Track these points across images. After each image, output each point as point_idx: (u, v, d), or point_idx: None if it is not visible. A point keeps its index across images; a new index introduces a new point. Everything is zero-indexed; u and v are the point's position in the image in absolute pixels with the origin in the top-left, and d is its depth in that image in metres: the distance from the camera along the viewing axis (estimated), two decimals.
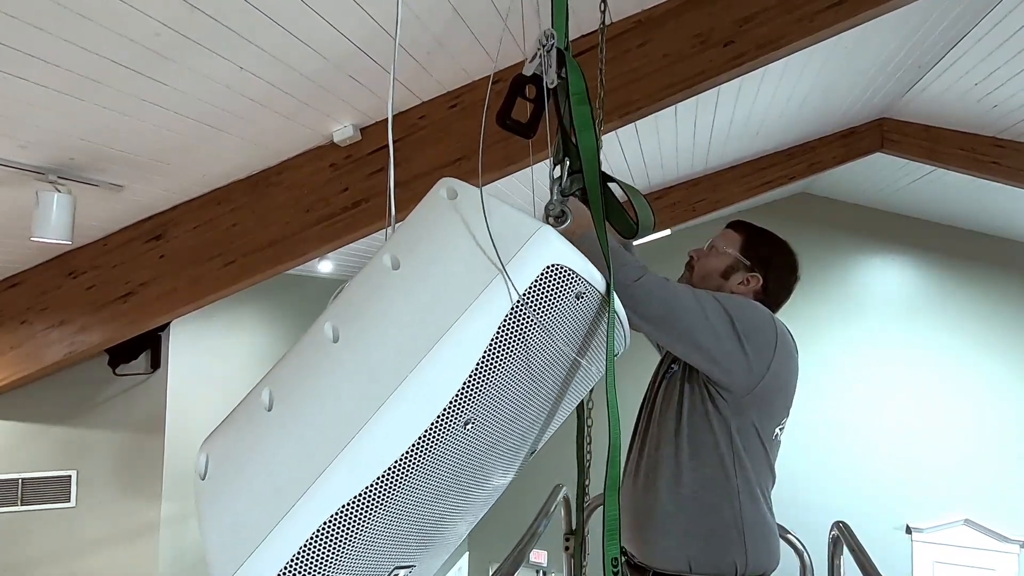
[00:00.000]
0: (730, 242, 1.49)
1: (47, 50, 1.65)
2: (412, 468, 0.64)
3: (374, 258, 0.76)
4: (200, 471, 0.70)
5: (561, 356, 0.72)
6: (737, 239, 1.49)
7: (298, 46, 1.93)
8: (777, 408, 1.34)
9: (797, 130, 4.43)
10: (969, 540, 5.81)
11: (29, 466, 3.78)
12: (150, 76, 1.87)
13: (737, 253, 1.46)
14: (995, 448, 5.89)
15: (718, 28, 2.30)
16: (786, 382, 1.32)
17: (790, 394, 1.37)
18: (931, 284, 6.23)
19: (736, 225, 1.53)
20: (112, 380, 3.89)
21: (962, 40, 2.98)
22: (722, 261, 1.46)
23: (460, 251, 0.69)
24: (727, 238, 1.50)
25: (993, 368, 5.97)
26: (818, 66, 3.23)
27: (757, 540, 1.32)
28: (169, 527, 3.93)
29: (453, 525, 0.74)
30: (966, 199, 5.26)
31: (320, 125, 2.52)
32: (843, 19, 2.14)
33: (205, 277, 2.80)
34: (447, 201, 0.74)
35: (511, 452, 0.74)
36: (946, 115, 3.90)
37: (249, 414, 0.72)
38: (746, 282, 1.44)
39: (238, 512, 0.64)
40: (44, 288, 2.94)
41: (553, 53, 0.83)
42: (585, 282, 0.69)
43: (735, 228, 1.52)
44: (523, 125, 0.85)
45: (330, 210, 2.68)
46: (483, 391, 0.65)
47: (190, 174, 2.60)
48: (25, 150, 2.11)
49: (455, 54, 2.29)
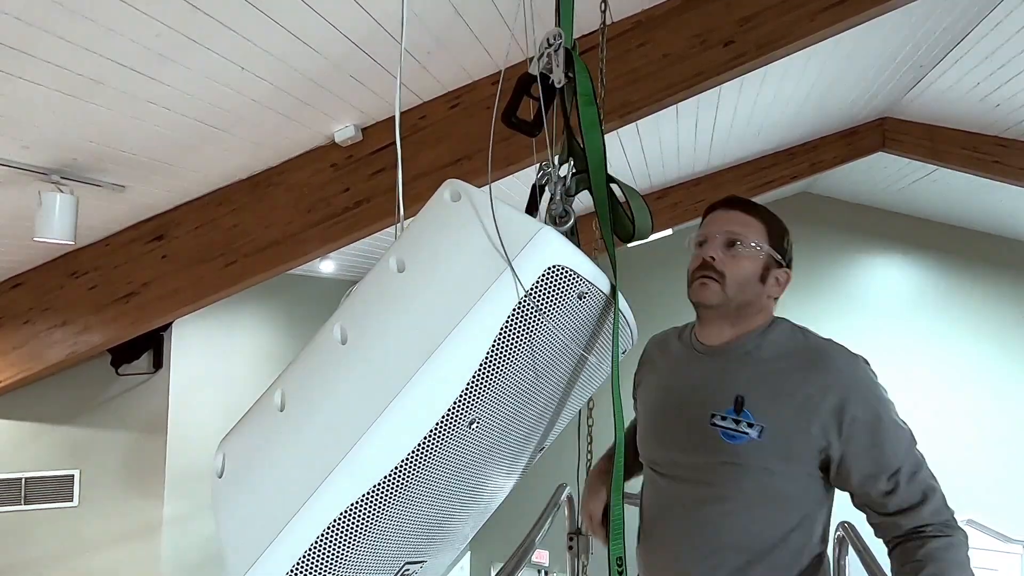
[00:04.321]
0: (756, 234, 1.15)
1: (50, 51, 1.66)
2: (418, 468, 0.65)
3: (381, 260, 0.77)
4: (218, 470, 0.72)
5: (565, 356, 0.72)
6: (762, 229, 1.16)
7: (299, 46, 1.94)
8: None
9: (799, 130, 4.43)
10: (972, 540, 5.76)
11: (32, 465, 3.79)
12: (152, 76, 1.88)
13: (770, 248, 1.15)
14: (997, 448, 5.88)
15: (718, 28, 2.30)
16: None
17: None
18: (933, 284, 6.23)
19: (748, 207, 1.19)
20: (114, 380, 3.90)
21: (964, 39, 2.97)
22: (757, 263, 1.13)
23: (462, 253, 0.70)
24: (752, 229, 1.16)
25: (995, 368, 5.97)
26: (819, 65, 3.23)
27: None
28: (171, 526, 3.94)
29: (462, 522, 0.75)
30: (968, 199, 5.25)
31: (321, 125, 2.52)
32: (844, 18, 2.14)
33: (207, 277, 2.80)
34: (451, 203, 0.75)
35: (517, 450, 0.75)
36: (948, 114, 3.89)
37: (263, 414, 0.74)
38: (778, 281, 1.17)
39: (251, 510, 0.66)
40: (47, 288, 2.95)
41: (561, 52, 0.83)
42: (588, 283, 0.69)
43: (749, 212, 1.18)
44: (528, 124, 0.85)
45: (331, 210, 2.69)
46: (487, 391, 0.66)
47: (192, 174, 2.61)
48: (28, 151, 2.11)
49: (456, 54, 2.29)
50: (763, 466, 1.03)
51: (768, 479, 1.04)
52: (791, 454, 1.04)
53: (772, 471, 1.04)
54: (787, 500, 1.05)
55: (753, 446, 1.03)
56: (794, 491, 1.06)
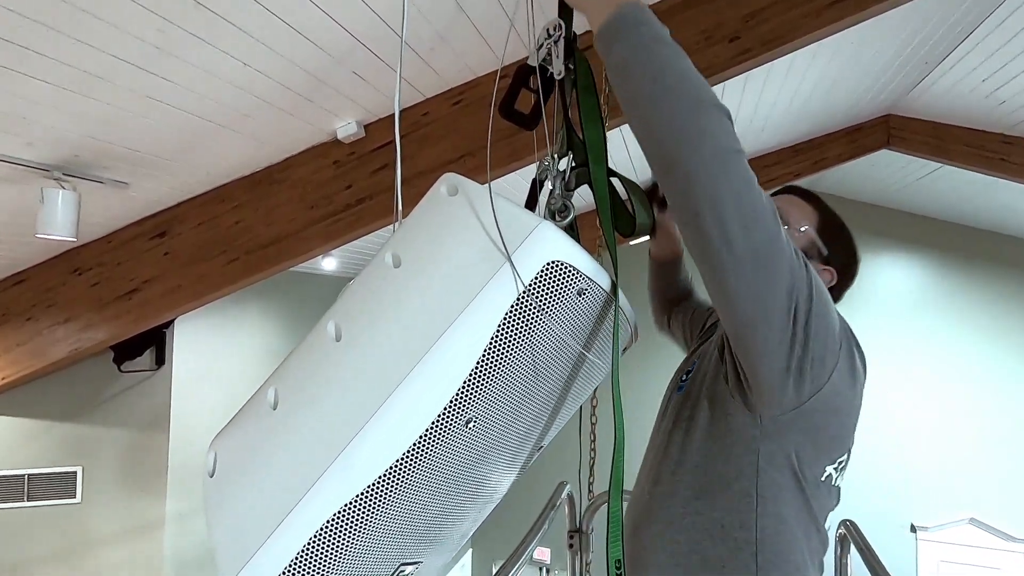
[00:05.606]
0: (804, 216, 1.05)
1: (52, 47, 1.65)
2: (414, 467, 0.64)
3: (377, 255, 0.76)
4: (209, 469, 0.72)
5: (564, 354, 0.71)
6: (813, 214, 1.06)
7: (301, 41, 1.93)
8: (829, 438, 0.90)
9: (803, 127, 4.41)
10: (974, 539, 5.79)
11: (35, 462, 3.80)
12: (154, 72, 1.87)
13: (815, 234, 1.04)
14: (1000, 447, 5.86)
15: (724, 23, 2.29)
16: (847, 406, 0.89)
17: (850, 424, 0.92)
18: (937, 282, 6.20)
19: (807, 195, 1.09)
20: (117, 377, 3.91)
21: (969, 36, 2.95)
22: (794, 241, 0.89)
23: (459, 248, 0.69)
24: (800, 209, 1.06)
25: (999, 366, 5.94)
26: (824, 62, 3.21)
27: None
28: (174, 523, 3.95)
29: (458, 522, 0.74)
30: (973, 196, 5.22)
31: (323, 121, 2.52)
32: (849, 15, 2.13)
33: (209, 274, 2.80)
34: (448, 198, 0.74)
35: (515, 449, 0.74)
36: (953, 111, 3.87)
37: (255, 413, 0.74)
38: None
39: (243, 511, 0.66)
40: (49, 285, 2.95)
41: (561, 43, 0.82)
42: (587, 279, 0.68)
43: (806, 198, 1.08)
44: (526, 116, 0.84)
45: (333, 207, 2.68)
46: (484, 390, 0.65)
47: (194, 171, 2.60)
48: (31, 147, 2.11)
49: (458, 50, 2.28)
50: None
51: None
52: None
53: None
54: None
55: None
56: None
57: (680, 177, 0.68)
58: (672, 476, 0.94)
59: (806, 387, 0.80)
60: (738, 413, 0.87)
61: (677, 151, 0.68)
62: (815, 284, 0.76)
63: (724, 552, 0.89)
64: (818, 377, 0.80)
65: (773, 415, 0.85)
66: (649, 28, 0.73)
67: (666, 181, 0.71)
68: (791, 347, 0.75)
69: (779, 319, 0.73)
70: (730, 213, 0.67)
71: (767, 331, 0.74)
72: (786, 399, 0.81)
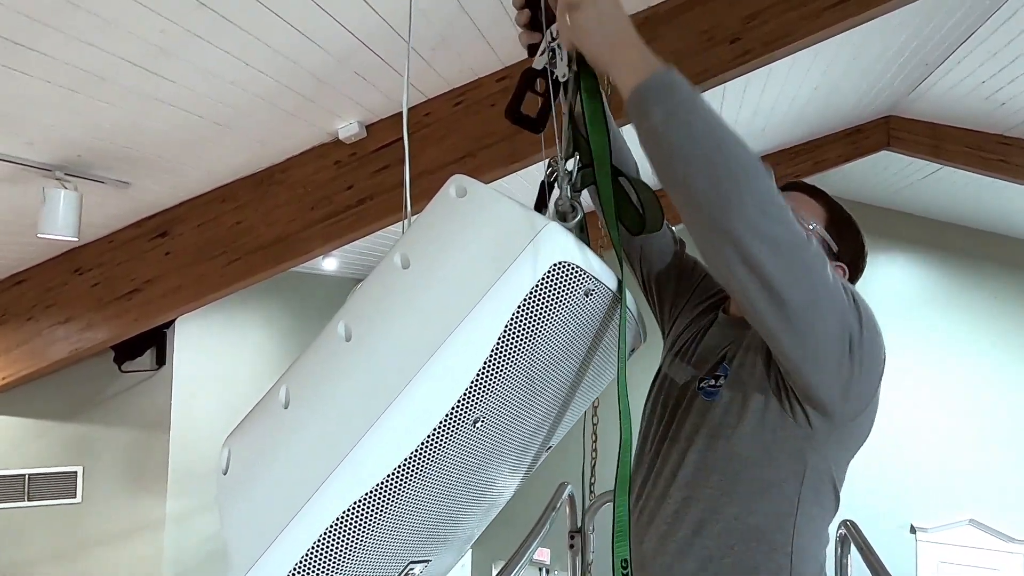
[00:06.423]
0: (811, 213, 1.03)
1: (54, 47, 1.65)
2: (422, 466, 0.65)
3: (387, 256, 0.76)
4: (223, 466, 0.72)
5: (571, 354, 0.71)
6: (820, 211, 1.04)
7: (303, 42, 1.93)
8: (856, 443, 0.95)
9: (802, 128, 4.42)
10: (974, 540, 5.80)
11: (35, 462, 3.80)
12: (156, 72, 1.88)
13: (823, 230, 1.03)
14: (1000, 448, 5.87)
15: (724, 25, 2.29)
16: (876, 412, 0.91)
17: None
18: (937, 283, 6.21)
19: (813, 191, 1.07)
20: (118, 377, 3.91)
21: (969, 38, 2.96)
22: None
23: (467, 249, 0.69)
24: (806, 206, 1.04)
25: (999, 367, 5.95)
26: (824, 63, 3.22)
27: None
28: (174, 523, 3.95)
29: (466, 521, 0.75)
30: (972, 197, 5.23)
31: (325, 122, 2.52)
32: (849, 16, 2.13)
33: (210, 274, 2.80)
34: (456, 199, 0.74)
35: (522, 449, 0.75)
36: (952, 113, 3.88)
37: (268, 411, 0.74)
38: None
39: (255, 508, 0.66)
40: (50, 285, 2.96)
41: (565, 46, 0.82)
42: (594, 279, 0.69)
43: (811, 194, 1.06)
44: (532, 119, 0.84)
45: (334, 208, 2.69)
46: (492, 390, 0.66)
47: (195, 171, 2.61)
48: (32, 147, 2.11)
49: (460, 51, 2.28)
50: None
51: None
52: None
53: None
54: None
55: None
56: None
57: (726, 242, 0.69)
58: (701, 483, 0.95)
59: (857, 406, 0.85)
60: (789, 425, 0.89)
61: (722, 217, 0.68)
62: (863, 311, 0.77)
63: (759, 556, 0.91)
64: (866, 395, 0.84)
65: (826, 429, 0.88)
66: (684, 92, 0.71)
67: (708, 246, 0.72)
68: (849, 378, 0.78)
69: (835, 359, 0.76)
70: (779, 277, 0.69)
71: (823, 370, 0.77)
72: (838, 418, 0.86)
